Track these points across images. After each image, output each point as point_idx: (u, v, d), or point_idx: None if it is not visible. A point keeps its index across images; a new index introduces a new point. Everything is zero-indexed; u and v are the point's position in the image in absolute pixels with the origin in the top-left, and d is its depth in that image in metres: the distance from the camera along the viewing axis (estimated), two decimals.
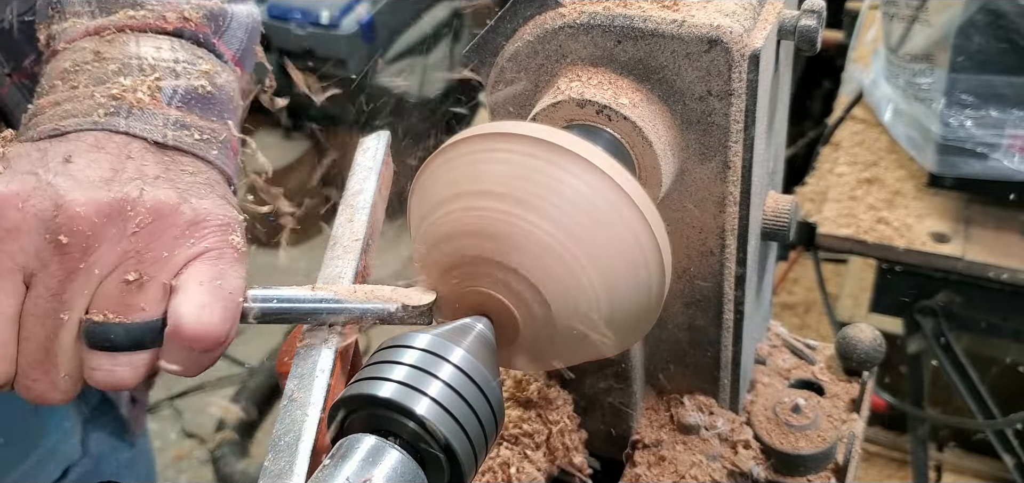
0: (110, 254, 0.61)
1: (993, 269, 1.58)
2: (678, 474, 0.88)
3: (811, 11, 0.76)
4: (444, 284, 0.67)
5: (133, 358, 0.63)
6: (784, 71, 0.88)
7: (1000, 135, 1.55)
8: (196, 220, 0.64)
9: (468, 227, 0.63)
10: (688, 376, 0.92)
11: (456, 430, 0.57)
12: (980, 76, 1.54)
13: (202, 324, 0.62)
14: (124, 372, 0.63)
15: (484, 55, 0.77)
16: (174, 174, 0.66)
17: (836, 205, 1.73)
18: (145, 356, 0.64)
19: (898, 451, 2.32)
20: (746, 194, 0.77)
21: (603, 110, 0.71)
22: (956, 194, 1.69)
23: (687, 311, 0.86)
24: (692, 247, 0.81)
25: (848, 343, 0.96)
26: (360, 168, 0.81)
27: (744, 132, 0.74)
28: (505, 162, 0.62)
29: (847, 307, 2.22)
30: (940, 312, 1.68)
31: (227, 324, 0.64)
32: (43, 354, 0.63)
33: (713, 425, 0.91)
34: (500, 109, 0.79)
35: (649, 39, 0.71)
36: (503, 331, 0.65)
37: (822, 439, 0.89)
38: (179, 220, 0.64)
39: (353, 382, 0.59)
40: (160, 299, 0.63)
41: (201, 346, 0.63)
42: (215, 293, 0.63)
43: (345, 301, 0.67)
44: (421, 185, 0.67)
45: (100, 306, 0.62)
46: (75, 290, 0.61)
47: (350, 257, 0.73)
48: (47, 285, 0.61)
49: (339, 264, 0.73)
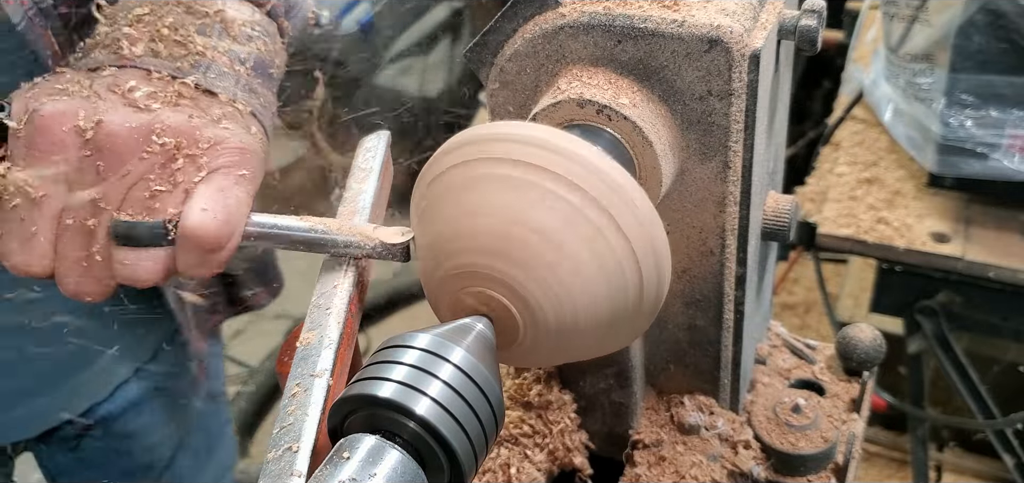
0: (139, 167, 0.70)
1: (993, 269, 1.58)
2: (678, 474, 0.88)
3: (811, 11, 0.76)
4: (444, 284, 0.67)
5: (154, 254, 0.72)
6: (784, 71, 0.88)
7: (1000, 135, 1.55)
8: (215, 142, 0.73)
9: (468, 228, 0.63)
10: (688, 376, 0.92)
11: (456, 430, 0.57)
12: (980, 76, 1.54)
13: (203, 224, 0.71)
14: (147, 265, 0.72)
15: (484, 55, 0.77)
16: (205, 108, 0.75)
17: (836, 205, 1.73)
18: (164, 252, 0.72)
19: (898, 451, 2.32)
20: (746, 194, 0.77)
21: (603, 110, 0.71)
22: (956, 194, 1.70)
23: (687, 311, 0.86)
24: (692, 247, 0.81)
25: (848, 343, 0.96)
26: (360, 168, 0.81)
27: (744, 132, 0.74)
28: (504, 165, 0.62)
29: (847, 307, 2.22)
30: (940, 312, 1.68)
31: (227, 227, 0.72)
32: (79, 250, 0.72)
33: (713, 425, 0.91)
34: (500, 109, 0.79)
35: (649, 39, 0.71)
36: (503, 331, 0.65)
37: (822, 439, 0.89)
38: (200, 141, 0.72)
39: (353, 382, 0.59)
40: (178, 204, 0.72)
41: (204, 245, 0.71)
42: (217, 199, 0.72)
43: (332, 232, 0.73)
44: (422, 186, 0.67)
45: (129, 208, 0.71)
46: (108, 196, 0.70)
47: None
48: (85, 190, 0.70)
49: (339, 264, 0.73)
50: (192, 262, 0.73)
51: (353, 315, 0.71)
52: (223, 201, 0.72)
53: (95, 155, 0.70)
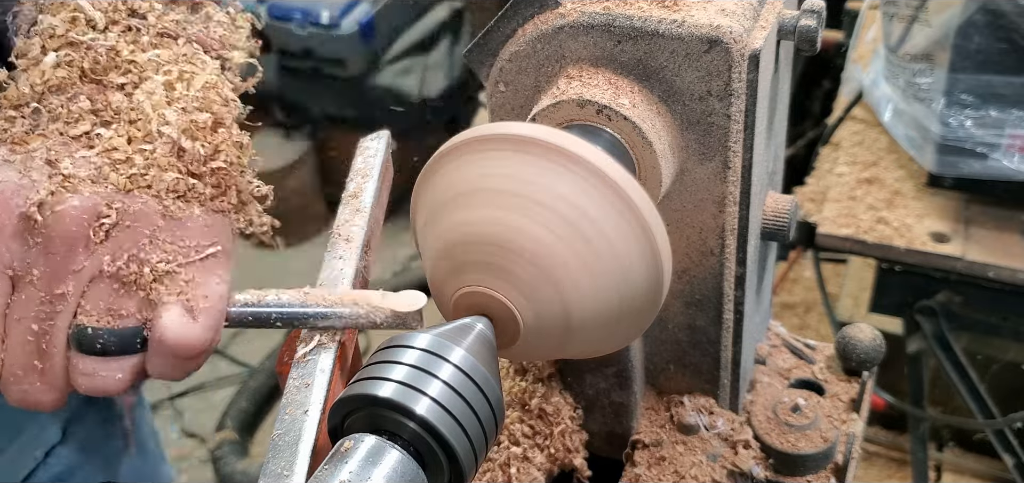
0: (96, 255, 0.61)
1: (993, 269, 1.58)
2: (678, 474, 0.88)
3: (811, 11, 0.76)
4: (445, 284, 0.67)
5: (122, 363, 0.63)
6: (784, 71, 0.88)
7: (1000, 135, 1.55)
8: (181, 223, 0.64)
9: (469, 230, 0.63)
10: (688, 376, 0.92)
11: (456, 430, 0.57)
12: (980, 76, 1.54)
13: (183, 334, 0.62)
14: (113, 377, 0.63)
15: (484, 55, 0.77)
16: None
17: (836, 205, 1.73)
18: (133, 361, 0.64)
19: (898, 451, 2.31)
20: (746, 194, 0.78)
21: (603, 110, 0.71)
22: (956, 194, 1.69)
23: (687, 311, 0.86)
24: (692, 247, 0.81)
25: (848, 343, 0.96)
26: (360, 168, 0.81)
27: (744, 132, 0.74)
28: (505, 165, 0.62)
29: (847, 307, 2.22)
30: (940, 312, 1.68)
31: (209, 333, 0.64)
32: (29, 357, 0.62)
33: (713, 425, 0.91)
34: (500, 109, 0.79)
35: (649, 39, 0.71)
36: (503, 331, 0.65)
37: (822, 439, 0.89)
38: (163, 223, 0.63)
39: (353, 382, 0.59)
40: (147, 304, 0.63)
41: (184, 355, 0.63)
42: (197, 301, 0.63)
43: (333, 308, 0.67)
44: (423, 186, 0.67)
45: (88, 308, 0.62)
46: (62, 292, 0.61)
47: (350, 257, 0.73)
48: (34, 285, 0.60)
49: (339, 264, 0.73)
50: (168, 368, 0.65)
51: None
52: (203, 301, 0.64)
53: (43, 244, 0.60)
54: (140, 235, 0.62)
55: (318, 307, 0.67)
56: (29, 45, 0.66)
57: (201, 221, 0.65)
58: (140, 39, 0.67)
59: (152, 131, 0.64)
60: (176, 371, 0.65)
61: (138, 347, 0.63)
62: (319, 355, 0.66)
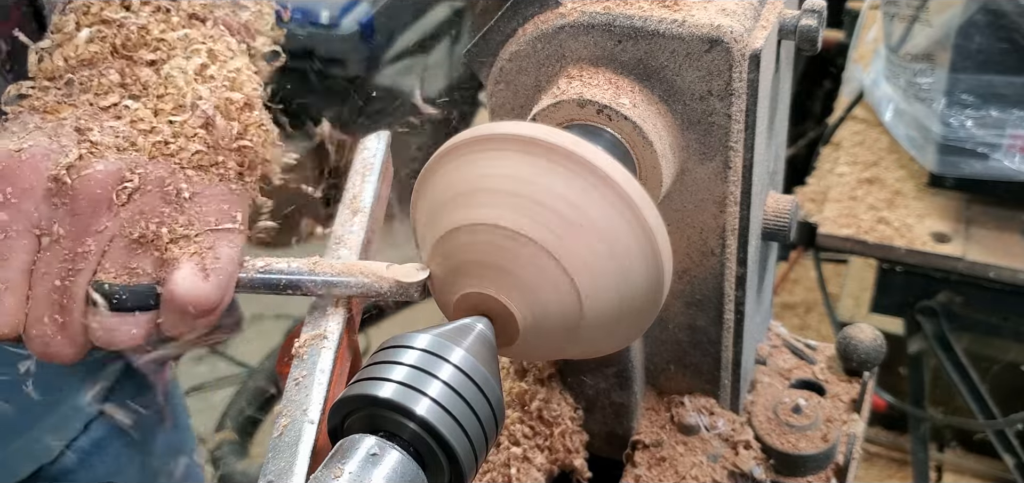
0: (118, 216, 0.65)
1: (993, 269, 1.58)
2: (678, 475, 0.88)
3: (812, 11, 0.76)
4: (445, 285, 0.67)
5: (138, 319, 0.66)
6: (785, 71, 0.88)
7: (1001, 135, 1.55)
8: (201, 194, 0.68)
9: (468, 228, 0.63)
10: (688, 376, 0.92)
11: (456, 430, 0.57)
12: (981, 76, 1.54)
13: (194, 291, 0.66)
14: (128, 332, 0.67)
15: (484, 55, 0.77)
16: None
17: (836, 205, 1.73)
18: (147, 317, 0.67)
19: (898, 451, 2.31)
20: (747, 194, 0.77)
21: (603, 110, 0.71)
22: (956, 194, 1.69)
23: (688, 311, 0.86)
24: (693, 247, 0.81)
25: (848, 343, 0.96)
26: (360, 168, 0.80)
27: (744, 132, 0.74)
28: (505, 165, 0.62)
29: (847, 307, 2.22)
30: (940, 312, 1.68)
31: (219, 291, 0.67)
32: (52, 310, 0.65)
33: (714, 425, 0.91)
34: (500, 109, 0.79)
35: (649, 39, 0.71)
36: (503, 331, 0.65)
37: (822, 439, 0.89)
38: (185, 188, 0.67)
39: (353, 382, 0.59)
40: (162, 264, 0.66)
41: (194, 311, 0.66)
42: (209, 261, 0.67)
43: (341, 277, 0.69)
44: (423, 186, 0.67)
45: (107, 266, 0.65)
46: (84, 250, 0.64)
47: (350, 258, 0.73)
48: (59, 243, 0.64)
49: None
50: (179, 325, 0.68)
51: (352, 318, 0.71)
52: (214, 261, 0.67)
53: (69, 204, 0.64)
54: (160, 201, 0.66)
55: (326, 275, 0.69)
56: (65, 21, 0.71)
57: (219, 194, 0.68)
58: (170, 19, 0.72)
59: (185, 104, 0.68)
60: (186, 327, 0.68)
61: (152, 304, 0.66)
62: (319, 354, 0.66)
